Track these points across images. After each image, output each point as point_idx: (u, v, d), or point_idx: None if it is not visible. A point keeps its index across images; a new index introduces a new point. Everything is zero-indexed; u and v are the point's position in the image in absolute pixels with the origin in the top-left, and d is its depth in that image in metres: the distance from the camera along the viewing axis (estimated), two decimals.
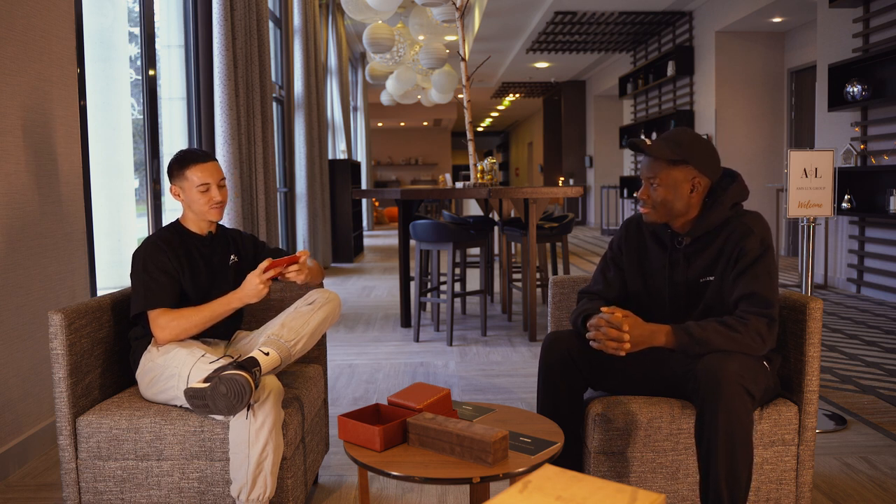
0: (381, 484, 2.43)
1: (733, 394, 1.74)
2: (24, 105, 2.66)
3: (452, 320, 4.46)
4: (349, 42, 12.31)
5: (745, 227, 1.92)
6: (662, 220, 1.99)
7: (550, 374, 2.03)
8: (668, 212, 1.96)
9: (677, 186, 1.93)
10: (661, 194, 1.94)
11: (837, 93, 6.08)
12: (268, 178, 4.96)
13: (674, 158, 1.92)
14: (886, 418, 3.01)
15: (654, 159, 1.95)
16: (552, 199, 5.47)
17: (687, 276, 1.99)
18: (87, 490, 1.95)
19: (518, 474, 1.59)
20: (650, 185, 1.96)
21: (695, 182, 1.94)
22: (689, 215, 1.97)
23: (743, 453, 1.75)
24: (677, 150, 1.92)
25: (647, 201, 1.97)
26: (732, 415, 1.73)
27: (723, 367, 1.76)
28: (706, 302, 1.96)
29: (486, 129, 29.06)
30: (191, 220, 2.23)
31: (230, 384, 1.79)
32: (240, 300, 2.07)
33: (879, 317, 5.19)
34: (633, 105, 11.75)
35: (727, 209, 1.95)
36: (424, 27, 7.26)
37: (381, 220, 17.30)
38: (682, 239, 2.00)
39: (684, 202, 1.95)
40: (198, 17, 4.35)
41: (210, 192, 2.16)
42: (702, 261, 1.97)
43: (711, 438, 1.74)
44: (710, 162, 1.95)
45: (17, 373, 2.63)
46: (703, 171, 1.94)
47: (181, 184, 2.17)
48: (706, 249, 1.97)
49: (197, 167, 2.15)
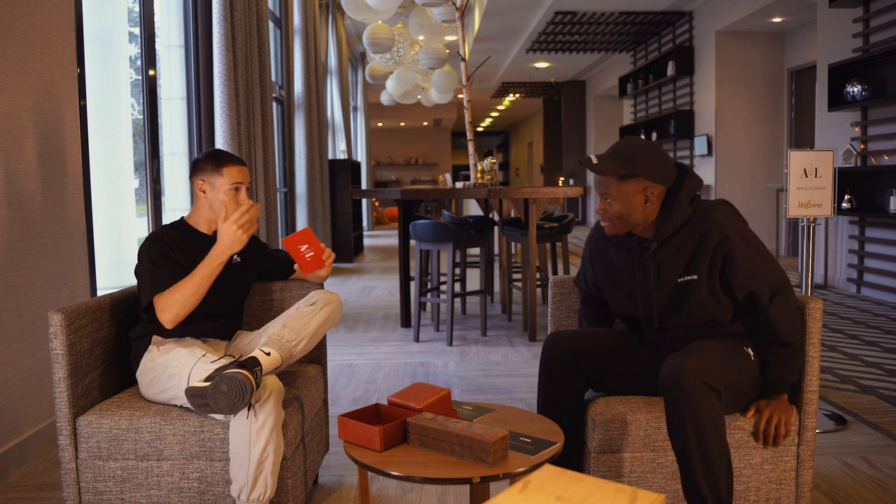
0: (381, 484, 2.43)
1: (694, 390, 1.76)
2: (24, 105, 2.66)
3: (452, 320, 4.46)
4: (349, 42, 12.31)
5: (709, 220, 1.91)
6: (624, 231, 2.00)
7: (552, 373, 2.04)
8: (627, 223, 1.97)
9: (630, 199, 1.93)
10: (615, 209, 1.95)
11: (837, 93, 6.08)
12: (268, 178, 4.96)
13: (623, 173, 1.91)
14: (886, 418, 3.01)
15: (604, 176, 1.95)
16: (552, 199, 5.47)
17: (665, 280, 1.98)
18: (87, 490, 1.95)
19: (518, 474, 1.59)
20: (605, 199, 1.97)
21: (647, 193, 1.93)
22: (648, 220, 1.97)
23: (715, 448, 1.76)
24: (625, 165, 1.91)
25: (604, 216, 1.99)
26: (697, 412, 1.75)
27: (680, 365, 1.78)
28: (691, 301, 1.95)
29: (486, 129, 29.06)
30: (201, 219, 2.23)
31: (231, 383, 1.79)
32: (222, 252, 2.05)
33: (879, 317, 5.19)
34: (633, 105, 11.75)
35: (686, 207, 1.95)
36: (424, 27, 7.26)
37: (381, 220, 17.30)
38: (649, 244, 2.00)
39: (640, 213, 1.95)
40: (198, 17, 4.35)
41: (240, 193, 2.19)
42: (677, 261, 1.96)
43: (681, 438, 1.77)
44: (661, 169, 1.93)
45: (17, 373, 2.63)
46: (654, 180, 1.92)
47: (212, 180, 2.18)
48: (678, 249, 1.96)
49: (234, 167, 2.19)
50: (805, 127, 8.45)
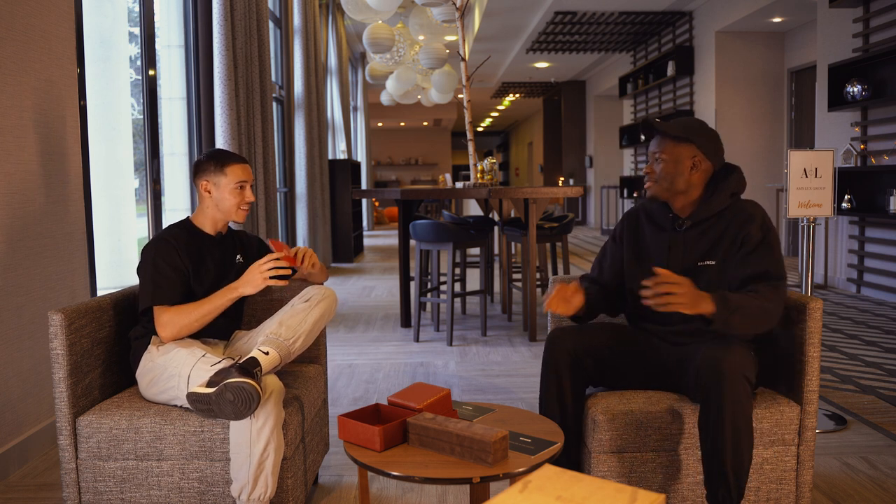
0: (381, 484, 2.43)
1: (736, 384, 1.80)
2: (24, 105, 2.66)
3: (452, 320, 4.46)
4: (349, 42, 12.31)
5: (746, 213, 2.03)
6: (664, 195, 2.08)
7: (554, 370, 2.05)
8: (670, 186, 2.06)
9: (679, 161, 2.05)
10: (663, 168, 2.06)
11: (837, 93, 6.08)
12: (268, 178, 4.96)
13: (679, 135, 2.04)
14: (886, 418, 3.01)
15: (661, 136, 2.08)
16: (552, 199, 5.47)
17: (685, 260, 2.06)
18: (87, 490, 1.95)
19: (518, 474, 1.59)
20: (655, 159, 2.08)
21: (695, 160, 2.05)
22: (690, 196, 2.07)
23: (746, 441, 1.82)
24: (682, 130, 2.05)
25: (650, 174, 2.10)
26: (737, 405, 1.80)
27: (725, 359, 1.82)
28: (705, 285, 1.98)
29: (486, 129, 29.06)
30: (206, 219, 2.23)
31: (237, 392, 1.78)
32: (239, 291, 2.09)
33: (879, 317, 5.19)
34: (633, 105, 11.75)
35: (727, 197, 2.06)
36: (424, 27, 7.26)
37: (381, 220, 17.30)
38: (683, 222, 2.09)
39: (685, 179, 2.05)
40: (198, 17, 4.35)
41: (245, 191, 2.20)
42: (702, 245, 2.05)
43: (717, 429, 1.80)
44: (713, 147, 2.07)
45: (17, 373, 2.63)
46: (704, 153, 2.06)
47: (216, 180, 2.18)
48: (706, 234, 2.06)
49: (237, 166, 2.20)
50: (805, 127, 8.45)
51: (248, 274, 2.09)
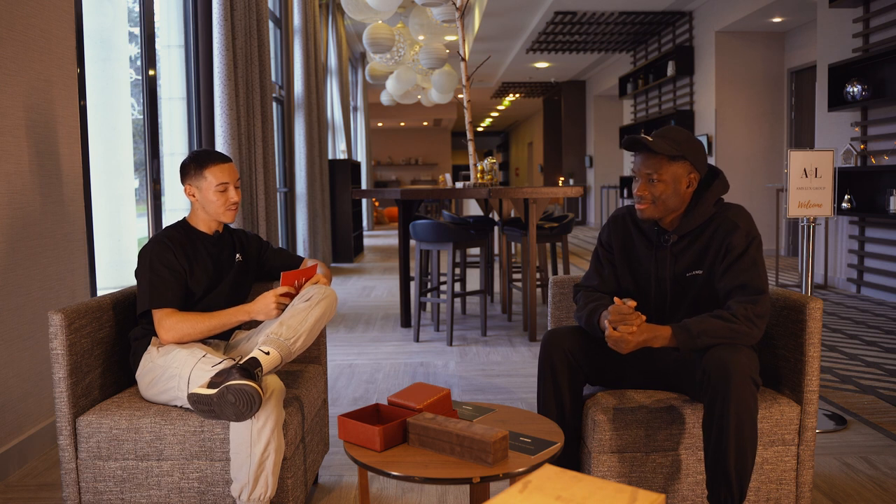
0: (381, 484, 2.43)
1: (743, 385, 1.79)
2: (24, 105, 2.66)
3: (452, 320, 4.46)
4: (349, 42, 12.31)
5: (731, 223, 1.99)
6: (658, 215, 2.03)
7: (551, 370, 2.05)
8: (665, 207, 2.01)
9: (678, 181, 1.99)
10: (660, 189, 1.99)
11: (837, 93, 6.08)
12: (268, 178, 4.95)
13: (674, 154, 1.97)
14: (886, 418, 3.01)
15: (654, 155, 1.99)
16: (552, 199, 5.47)
17: (674, 272, 2.04)
18: (87, 490, 1.95)
19: (518, 474, 1.59)
20: (649, 180, 1.99)
21: (691, 178, 2.01)
22: (679, 211, 2.03)
23: (751, 443, 1.81)
24: (676, 147, 1.98)
25: (645, 197, 2.00)
26: (742, 405, 1.79)
27: (732, 360, 1.81)
28: (694, 296, 2.01)
29: (486, 129, 29.05)
30: (201, 220, 2.23)
31: (239, 394, 1.78)
32: (249, 314, 2.10)
33: (879, 317, 5.19)
34: (633, 105, 11.75)
35: (711, 205, 2.02)
36: (424, 27, 7.26)
37: (381, 220, 17.30)
38: (669, 236, 2.05)
39: (680, 197, 2.01)
40: (198, 17, 4.34)
41: (228, 192, 2.18)
42: (688, 256, 2.03)
43: (723, 429, 1.79)
44: (702, 158, 2.03)
45: (17, 373, 2.63)
46: (696, 167, 2.01)
47: (198, 183, 2.17)
48: (693, 245, 2.03)
49: (216, 167, 2.17)
50: (805, 127, 8.45)
51: (262, 300, 2.09)
